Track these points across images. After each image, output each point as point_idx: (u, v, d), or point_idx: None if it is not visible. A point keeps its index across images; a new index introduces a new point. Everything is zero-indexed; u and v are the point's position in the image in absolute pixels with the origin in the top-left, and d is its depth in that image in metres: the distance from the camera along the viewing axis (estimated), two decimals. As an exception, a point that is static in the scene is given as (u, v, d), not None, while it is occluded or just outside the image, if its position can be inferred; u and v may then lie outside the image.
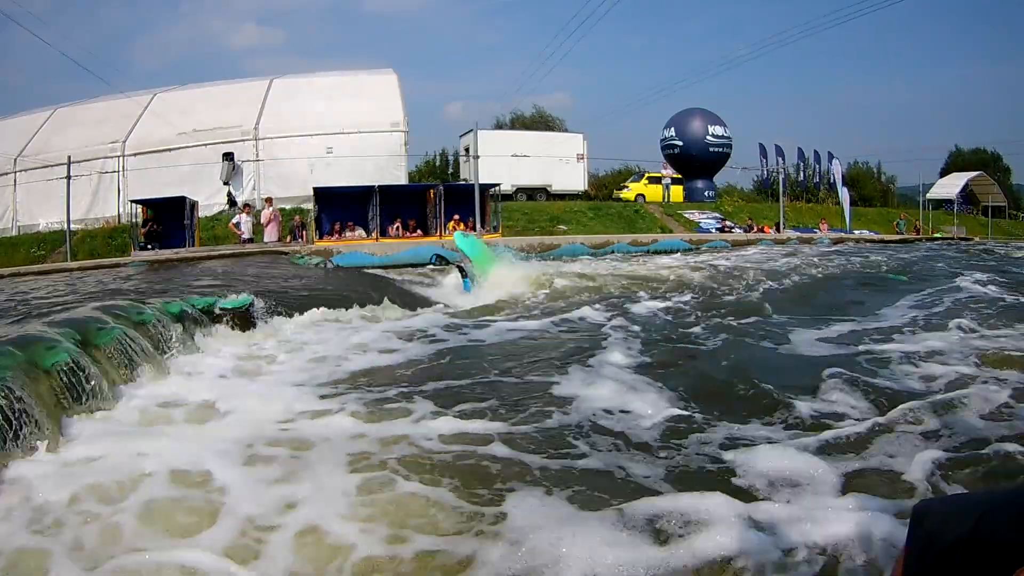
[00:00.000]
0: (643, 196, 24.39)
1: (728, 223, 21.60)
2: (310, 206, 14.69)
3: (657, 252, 14.94)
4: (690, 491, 2.20)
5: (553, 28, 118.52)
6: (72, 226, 14.98)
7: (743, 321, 5.50)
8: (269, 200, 15.17)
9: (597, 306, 6.35)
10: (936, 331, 4.95)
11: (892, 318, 5.66)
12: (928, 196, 28.46)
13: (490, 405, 3.27)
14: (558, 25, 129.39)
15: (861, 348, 4.42)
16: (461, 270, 8.39)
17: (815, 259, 12.01)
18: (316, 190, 14.50)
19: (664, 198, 24.68)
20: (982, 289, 7.20)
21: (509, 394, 3.47)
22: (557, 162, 23.11)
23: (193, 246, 13.74)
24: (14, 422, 2.50)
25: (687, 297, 7.13)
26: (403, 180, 18.40)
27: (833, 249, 15.31)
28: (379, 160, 18.09)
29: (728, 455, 2.55)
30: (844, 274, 9.65)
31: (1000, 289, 7.24)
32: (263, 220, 14.63)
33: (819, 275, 9.39)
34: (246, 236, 14.31)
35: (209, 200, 17.16)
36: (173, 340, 4.29)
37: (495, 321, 5.77)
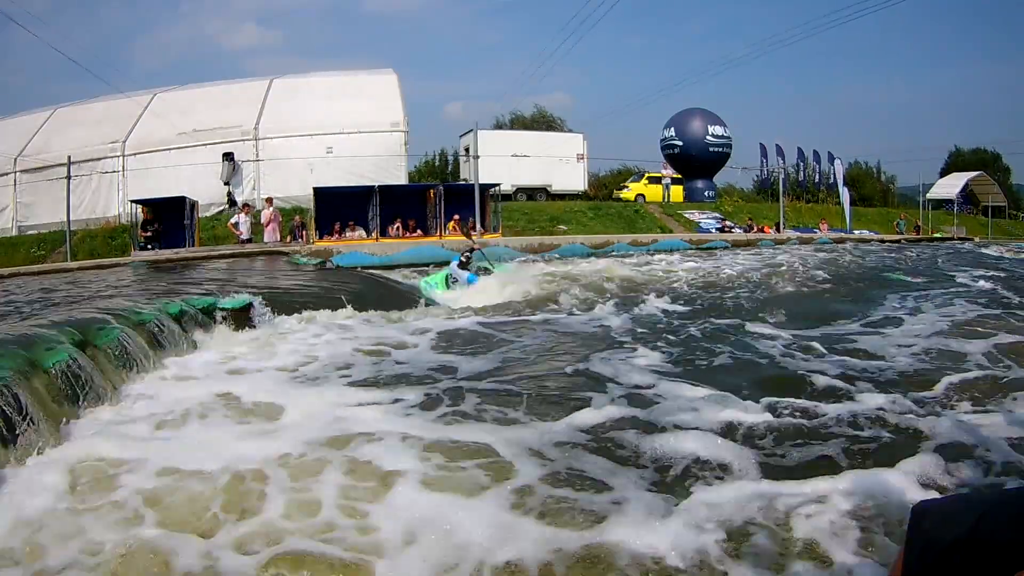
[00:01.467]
0: (643, 196, 24.40)
1: (728, 223, 21.60)
2: (310, 206, 14.69)
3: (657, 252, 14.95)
4: (685, 489, 2.20)
5: (553, 28, 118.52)
6: (72, 226, 14.98)
7: (754, 320, 5.50)
8: (269, 200, 15.18)
9: (601, 306, 6.37)
10: (937, 328, 4.95)
11: (895, 316, 5.66)
12: (928, 196, 28.48)
13: (525, 402, 3.27)
14: (558, 25, 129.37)
15: (862, 346, 4.42)
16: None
17: (816, 260, 12.00)
18: (316, 190, 14.50)
19: (664, 198, 24.69)
20: (982, 285, 7.23)
21: (544, 390, 3.50)
22: (557, 162, 23.11)
23: (193, 246, 13.74)
24: (13, 423, 2.50)
25: (701, 298, 7.13)
26: (403, 180, 18.40)
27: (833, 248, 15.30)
28: (379, 160, 18.09)
29: (726, 450, 2.55)
30: (847, 273, 9.66)
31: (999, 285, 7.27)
32: (263, 220, 14.63)
33: (822, 275, 9.39)
34: (245, 236, 14.31)
35: (209, 200, 17.16)
36: (173, 340, 4.29)
37: (504, 319, 5.79)
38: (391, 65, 35.72)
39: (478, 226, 15.19)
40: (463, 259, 8.52)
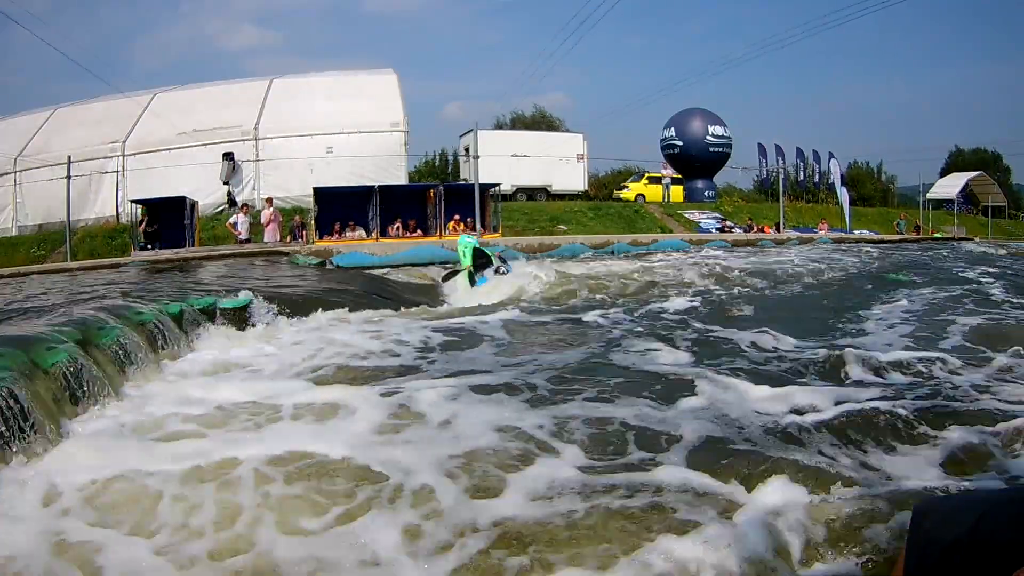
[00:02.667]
0: (643, 196, 24.37)
1: (728, 223, 21.59)
2: (310, 206, 14.68)
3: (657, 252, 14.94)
4: (686, 482, 2.20)
5: (553, 28, 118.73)
6: (72, 226, 14.97)
7: (758, 323, 5.51)
8: (269, 200, 15.17)
9: (601, 305, 6.37)
10: (938, 327, 4.95)
11: (896, 316, 5.67)
12: (928, 196, 28.46)
13: (529, 392, 3.28)
14: (558, 25, 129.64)
15: (862, 345, 4.42)
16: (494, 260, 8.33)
17: (818, 260, 12.01)
18: (316, 190, 14.49)
19: (664, 198, 24.67)
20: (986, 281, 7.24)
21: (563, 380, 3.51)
22: (557, 162, 23.10)
23: (193, 246, 13.73)
24: (13, 423, 2.50)
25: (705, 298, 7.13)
26: (403, 180, 18.38)
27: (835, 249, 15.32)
28: (379, 160, 18.07)
29: (728, 448, 2.55)
30: (848, 274, 9.66)
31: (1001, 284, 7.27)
32: (263, 220, 14.62)
33: (823, 276, 9.40)
34: (243, 236, 14.30)
35: (209, 200, 17.15)
36: (172, 340, 4.29)
37: (513, 317, 5.81)
38: (391, 65, 35.79)
39: (478, 226, 15.19)
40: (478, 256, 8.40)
